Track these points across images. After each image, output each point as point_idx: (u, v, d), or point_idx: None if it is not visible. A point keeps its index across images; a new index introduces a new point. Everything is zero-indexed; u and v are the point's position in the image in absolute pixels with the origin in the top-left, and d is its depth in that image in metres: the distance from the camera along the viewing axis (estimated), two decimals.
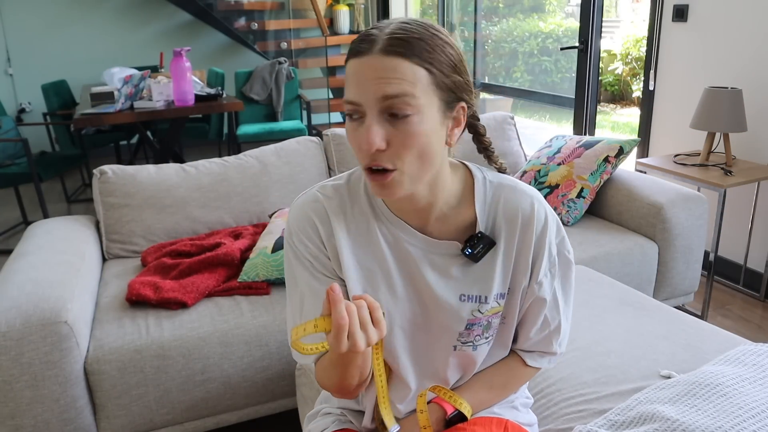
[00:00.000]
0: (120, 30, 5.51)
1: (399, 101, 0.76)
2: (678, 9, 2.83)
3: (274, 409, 1.79)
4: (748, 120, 2.58)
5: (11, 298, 1.52)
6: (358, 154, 0.81)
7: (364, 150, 0.79)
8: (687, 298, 2.37)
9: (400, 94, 0.76)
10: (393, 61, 0.76)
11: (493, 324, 0.95)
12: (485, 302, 0.92)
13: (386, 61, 0.76)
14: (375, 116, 0.77)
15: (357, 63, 0.78)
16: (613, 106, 7.37)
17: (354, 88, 0.78)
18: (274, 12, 5.57)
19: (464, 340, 0.94)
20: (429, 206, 0.89)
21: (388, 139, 0.78)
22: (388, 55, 0.76)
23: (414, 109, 0.77)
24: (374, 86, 0.76)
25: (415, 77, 0.76)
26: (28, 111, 5.33)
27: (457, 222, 0.92)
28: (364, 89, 0.77)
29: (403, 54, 0.76)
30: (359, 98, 0.77)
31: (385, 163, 0.79)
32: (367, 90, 0.77)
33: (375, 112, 0.77)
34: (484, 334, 0.95)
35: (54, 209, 4.10)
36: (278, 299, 1.78)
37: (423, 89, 0.77)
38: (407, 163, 0.79)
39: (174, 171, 2.19)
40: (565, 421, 1.21)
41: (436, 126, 0.80)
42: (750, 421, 1.03)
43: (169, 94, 3.38)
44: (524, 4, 5.59)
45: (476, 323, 0.93)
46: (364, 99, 0.77)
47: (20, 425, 1.50)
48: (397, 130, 0.77)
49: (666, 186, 2.30)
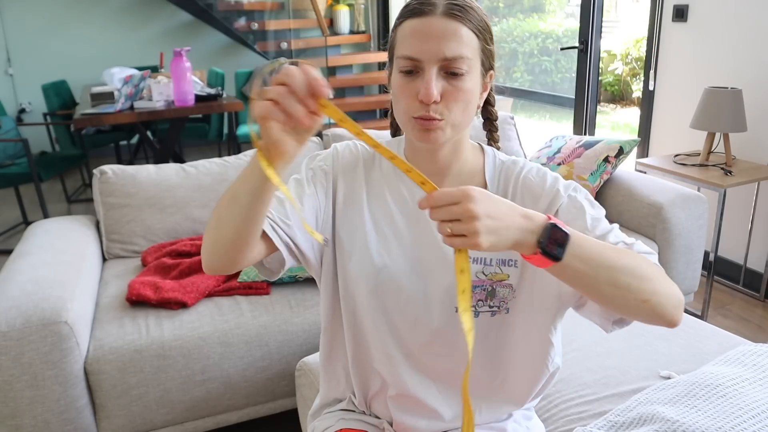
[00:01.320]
0: (120, 30, 5.51)
1: (457, 62, 0.84)
2: (678, 9, 2.83)
3: (274, 409, 1.79)
4: (748, 120, 2.58)
5: (11, 298, 1.52)
6: (410, 104, 0.86)
7: (419, 101, 0.84)
8: (687, 298, 2.37)
9: (459, 56, 0.84)
10: (454, 24, 0.84)
11: (498, 293, 0.93)
12: (489, 264, 0.93)
13: (448, 23, 0.84)
14: (434, 73, 0.84)
15: (418, 22, 0.85)
16: (613, 106, 7.37)
17: (415, 45, 0.84)
18: (274, 12, 5.56)
19: None
20: (446, 169, 0.95)
21: (442, 93, 0.85)
22: (449, 18, 0.84)
23: (467, 68, 0.85)
24: (437, 45, 0.83)
25: (470, 41, 0.85)
26: (28, 111, 5.33)
27: None
28: (426, 47, 0.84)
29: (462, 19, 0.85)
30: (421, 55, 0.84)
31: (435, 114, 0.85)
32: (430, 48, 0.83)
33: (434, 69, 0.84)
34: (488, 301, 0.94)
35: (54, 209, 4.10)
36: (278, 299, 1.78)
37: (474, 52, 0.86)
38: (453, 113, 0.86)
39: (174, 171, 2.19)
40: (565, 423, 1.21)
41: (478, 86, 0.89)
42: (750, 421, 1.03)
43: (169, 94, 3.38)
44: (524, 4, 5.59)
45: (478, 285, 0.93)
46: (426, 56, 0.84)
47: (20, 425, 1.50)
48: (451, 86, 0.85)
49: (666, 186, 2.29)
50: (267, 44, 5.47)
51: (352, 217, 0.97)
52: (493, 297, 0.93)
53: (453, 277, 0.89)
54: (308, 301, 1.78)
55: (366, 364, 1.02)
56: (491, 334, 0.97)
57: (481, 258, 0.93)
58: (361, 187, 0.98)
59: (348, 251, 0.96)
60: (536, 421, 1.12)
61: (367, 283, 0.95)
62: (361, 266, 0.95)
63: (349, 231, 0.97)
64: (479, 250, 0.69)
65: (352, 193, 0.98)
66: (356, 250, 0.96)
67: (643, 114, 3.11)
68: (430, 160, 0.94)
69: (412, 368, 0.99)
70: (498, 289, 0.93)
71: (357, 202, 0.97)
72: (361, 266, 0.95)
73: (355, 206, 0.97)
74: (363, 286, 0.95)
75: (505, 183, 0.96)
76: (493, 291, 0.93)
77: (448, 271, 0.93)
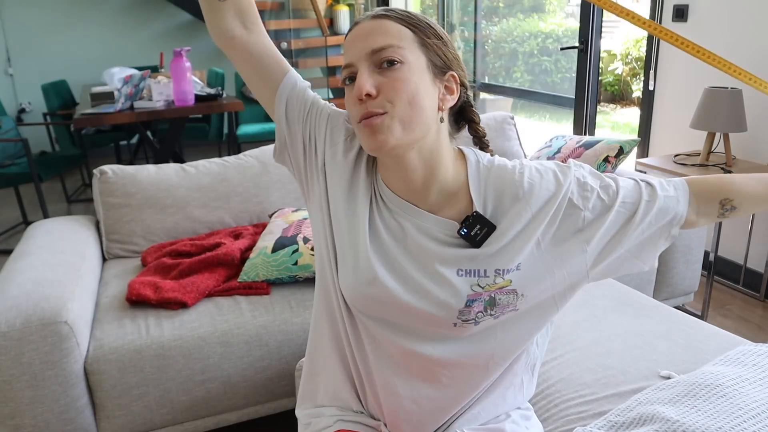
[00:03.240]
0: (120, 30, 5.51)
1: (385, 52, 0.84)
2: (678, 9, 2.83)
3: (274, 409, 1.79)
4: (748, 120, 2.58)
5: (11, 298, 1.52)
6: (354, 112, 0.86)
7: (358, 102, 0.84)
8: (687, 298, 2.37)
9: (386, 46, 0.84)
10: (379, 21, 0.86)
11: (499, 301, 0.89)
12: (484, 275, 0.88)
13: (374, 22, 0.87)
14: (366, 69, 0.85)
15: (350, 33, 0.89)
16: (613, 106, 7.37)
17: (347, 52, 0.87)
18: (274, 12, 5.56)
19: (465, 318, 0.90)
20: (427, 185, 0.90)
21: (378, 86, 0.84)
22: (375, 19, 0.87)
23: (400, 57, 0.84)
24: (363, 43, 0.85)
25: (399, 33, 0.86)
26: (28, 111, 5.33)
27: (457, 207, 0.91)
28: (355, 48, 0.86)
29: (388, 16, 0.87)
30: (351, 58, 0.86)
31: (376, 108, 0.83)
32: (358, 47, 0.86)
33: (365, 65, 0.85)
34: (488, 311, 0.89)
35: (54, 209, 4.10)
36: (278, 299, 1.78)
37: (407, 44, 0.85)
38: (397, 106, 0.83)
39: (174, 171, 2.19)
40: (565, 423, 1.21)
41: (426, 82, 0.86)
42: (750, 421, 1.03)
43: (169, 94, 3.38)
44: (524, 4, 5.59)
45: (477, 299, 0.88)
46: (356, 57, 0.86)
47: (20, 425, 1.50)
48: (387, 78, 0.84)
49: None
50: None
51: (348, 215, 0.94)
52: (494, 306, 0.90)
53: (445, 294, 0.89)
54: (308, 301, 1.78)
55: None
56: (497, 332, 0.94)
57: (474, 270, 0.88)
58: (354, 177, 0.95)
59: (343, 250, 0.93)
60: (535, 421, 1.12)
61: (358, 290, 0.93)
62: (356, 273, 0.92)
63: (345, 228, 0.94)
64: None
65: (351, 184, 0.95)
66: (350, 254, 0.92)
67: (643, 114, 3.11)
68: (402, 179, 0.89)
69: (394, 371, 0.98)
70: (498, 297, 0.89)
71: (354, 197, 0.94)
72: (355, 273, 0.92)
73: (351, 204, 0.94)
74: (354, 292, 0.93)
75: (494, 192, 0.91)
76: (493, 300, 0.89)
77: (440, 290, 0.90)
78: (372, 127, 0.83)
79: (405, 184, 0.90)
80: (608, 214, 0.89)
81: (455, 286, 0.88)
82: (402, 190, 0.91)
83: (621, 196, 0.90)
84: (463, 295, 0.88)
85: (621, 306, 1.61)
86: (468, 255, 0.89)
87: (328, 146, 0.96)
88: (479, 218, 0.88)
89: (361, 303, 0.93)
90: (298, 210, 2.09)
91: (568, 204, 0.89)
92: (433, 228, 0.90)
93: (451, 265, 0.89)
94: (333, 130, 0.96)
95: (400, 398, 0.98)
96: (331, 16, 5.70)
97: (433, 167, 0.89)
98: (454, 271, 0.89)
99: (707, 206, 0.94)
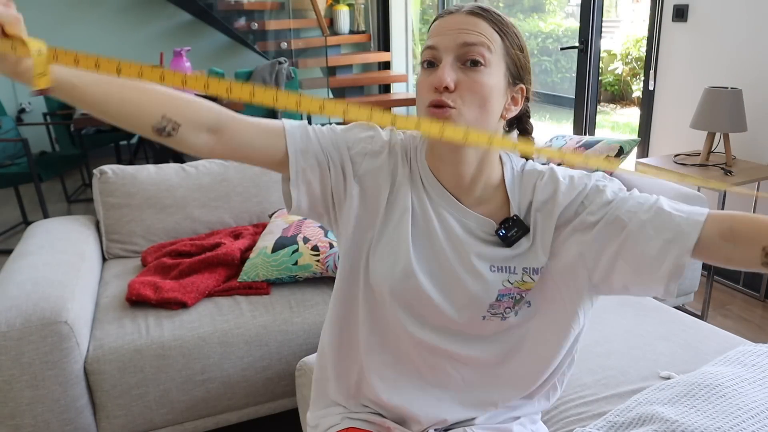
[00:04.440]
0: (120, 30, 5.51)
1: (474, 50, 0.85)
2: (678, 9, 2.83)
3: (274, 409, 1.79)
4: (748, 120, 2.58)
5: (11, 298, 1.52)
6: (425, 96, 0.87)
7: (433, 89, 0.85)
8: (687, 298, 2.37)
9: (477, 44, 0.85)
10: (475, 19, 0.87)
11: (524, 299, 0.94)
12: (513, 272, 0.92)
13: (469, 18, 0.87)
14: (450, 61, 0.86)
15: (442, 20, 0.89)
16: (613, 106, 7.37)
17: (435, 37, 0.88)
18: (274, 12, 5.56)
19: (494, 311, 0.94)
20: (473, 183, 0.93)
21: (457, 82, 0.85)
22: (471, 15, 0.88)
23: (486, 61, 0.86)
24: (455, 35, 0.86)
25: (491, 36, 0.87)
26: (28, 111, 5.32)
27: (493, 206, 0.95)
28: (445, 37, 0.87)
29: (484, 17, 0.88)
30: (439, 44, 0.87)
31: (449, 101, 0.85)
32: (448, 37, 0.86)
33: (451, 57, 0.86)
34: (515, 307, 0.94)
35: (54, 209, 4.10)
36: (278, 299, 1.78)
37: (495, 49, 0.87)
38: (467, 105, 0.85)
39: (174, 171, 2.19)
40: (565, 424, 1.21)
41: (500, 89, 0.88)
42: (749, 422, 1.03)
43: None
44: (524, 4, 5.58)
45: (506, 294, 0.93)
46: (444, 44, 0.86)
47: (20, 425, 1.50)
48: (467, 77, 0.85)
49: (666, 186, 2.29)
50: (267, 44, 5.47)
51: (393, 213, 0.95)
52: (519, 303, 0.94)
53: (477, 288, 0.92)
54: (308, 301, 1.78)
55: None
56: (516, 328, 0.97)
57: (505, 267, 0.92)
58: (403, 179, 0.96)
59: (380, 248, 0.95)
60: (541, 425, 1.12)
61: (392, 285, 0.94)
62: (391, 267, 0.94)
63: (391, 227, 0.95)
64: None
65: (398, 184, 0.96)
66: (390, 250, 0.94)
67: (643, 114, 3.11)
68: (453, 171, 0.93)
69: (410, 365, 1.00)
70: (524, 295, 0.94)
71: (402, 196, 0.95)
72: (391, 267, 0.94)
73: (397, 203, 0.95)
74: (387, 287, 0.94)
75: (525, 195, 0.94)
76: (521, 299, 0.94)
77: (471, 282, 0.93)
78: (438, 116, 0.85)
79: (455, 177, 0.93)
80: (606, 215, 0.88)
81: (488, 280, 0.92)
82: (450, 182, 0.94)
83: (622, 200, 0.89)
84: (495, 290, 0.92)
85: (621, 306, 1.61)
86: (501, 252, 0.93)
87: (357, 161, 0.96)
88: (517, 221, 0.93)
89: (399, 292, 0.94)
90: None
91: (580, 206, 0.91)
92: (473, 224, 0.94)
93: (485, 261, 0.93)
94: (350, 150, 0.96)
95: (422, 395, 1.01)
96: (331, 16, 5.70)
97: (483, 165, 0.93)
98: (488, 267, 0.93)
99: (745, 248, 0.78)
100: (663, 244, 0.82)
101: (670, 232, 0.83)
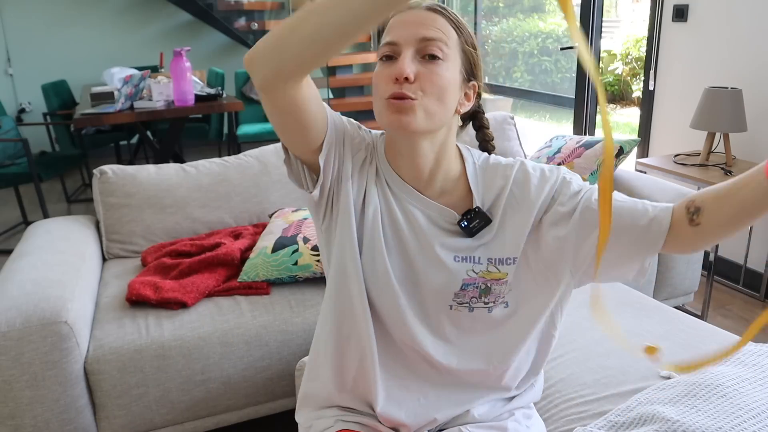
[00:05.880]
0: (120, 30, 5.51)
1: (434, 44, 0.88)
2: (678, 9, 2.83)
3: (274, 409, 1.79)
4: (748, 120, 2.58)
5: (11, 298, 1.52)
6: (384, 87, 0.88)
7: (392, 80, 0.87)
8: (687, 298, 2.37)
9: (436, 39, 0.88)
10: (434, 15, 0.90)
11: (493, 290, 0.95)
12: (479, 262, 0.95)
13: (428, 13, 0.90)
14: (410, 54, 0.88)
15: (403, 14, 0.91)
16: (613, 106, 7.37)
17: (395, 31, 0.90)
18: (274, 12, 5.56)
19: (459, 300, 0.96)
20: (432, 175, 0.96)
21: (416, 74, 0.87)
22: (430, 11, 0.91)
23: (444, 55, 0.89)
24: (415, 29, 0.89)
25: (448, 32, 0.90)
26: (28, 111, 5.33)
27: (455, 198, 0.97)
28: (405, 31, 0.89)
29: (442, 13, 0.91)
30: (399, 38, 0.89)
31: (409, 92, 0.87)
32: (408, 32, 0.89)
33: (411, 50, 0.88)
34: (482, 298, 0.96)
35: (54, 209, 4.10)
36: (278, 299, 1.78)
37: (452, 45, 0.90)
38: (427, 96, 0.88)
39: (174, 171, 2.19)
40: (565, 423, 1.21)
41: (456, 83, 0.91)
42: (750, 421, 1.03)
43: (169, 94, 3.38)
44: (524, 4, 5.59)
45: (471, 284, 0.95)
46: (404, 39, 0.88)
47: (20, 425, 1.50)
48: (426, 69, 0.88)
49: (666, 186, 2.29)
50: None
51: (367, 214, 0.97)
52: (488, 294, 0.96)
53: (443, 278, 0.95)
54: (308, 301, 1.78)
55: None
56: (494, 329, 0.99)
57: (469, 257, 0.95)
58: (372, 179, 0.98)
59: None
60: (536, 420, 1.12)
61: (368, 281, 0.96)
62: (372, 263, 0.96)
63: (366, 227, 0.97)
64: None
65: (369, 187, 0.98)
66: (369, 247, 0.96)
67: (643, 114, 3.12)
68: (412, 165, 0.95)
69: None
70: (493, 287, 0.95)
71: (371, 194, 0.97)
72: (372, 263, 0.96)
73: (370, 201, 0.97)
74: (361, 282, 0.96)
75: (489, 188, 0.97)
76: (488, 288, 0.96)
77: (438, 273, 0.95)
78: (400, 107, 0.87)
79: (413, 170, 0.95)
80: (578, 206, 0.91)
81: (451, 269, 0.95)
82: (409, 176, 0.96)
83: (589, 190, 0.93)
84: (459, 279, 0.95)
85: (621, 306, 1.61)
86: (464, 243, 0.96)
87: (355, 153, 0.99)
88: (479, 213, 0.96)
89: (376, 292, 0.96)
90: (298, 210, 2.09)
91: (551, 200, 0.94)
92: (435, 215, 0.96)
93: (449, 251, 0.95)
94: (352, 140, 0.99)
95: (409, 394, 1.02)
96: None
97: (440, 158, 0.95)
98: (452, 257, 0.95)
99: (679, 214, 0.84)
100: (640, 231, 0.86)
101: (645, 218, 0.87)
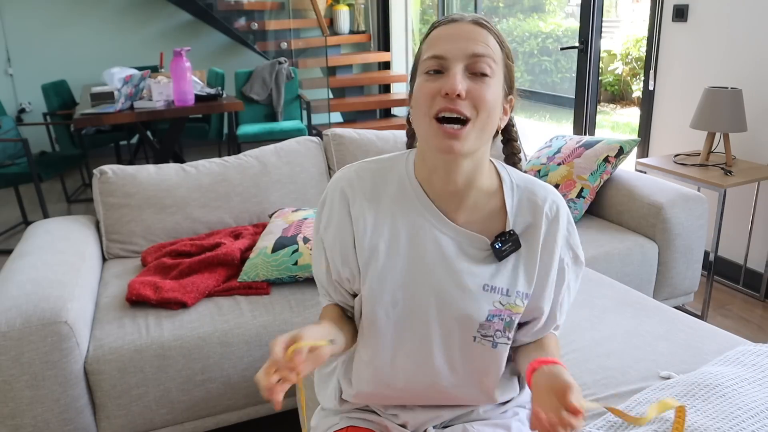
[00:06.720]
0: (120, 30, 5.51)
1: (483, 61, 0.86)
2: (678, 9, 2.83)
3: (274, 410, 1.79)
4: (748, 120, 2.58)
5: (11, 298, 1.52)
6: (431, 103, 0.85)
7: (442, 95, 0.84)
8: (687, 298, 2.37)
9: (486, 55, 0.86)
10: (482, 30, 0.88)
11: (514, 324, 0.94)
12: (507, 294, 0.92)
13: (477, 28, 0.88)
14: (460, 69, 0.85)
15: (448, 27, 0.89)
16: (613, 106, 7.37)
17: (443, 45, 0.87)
18: (274, 12, 5.56)
19: (484, 332, 0.93)
20: (465, 190, 0.93)
21: (467, 91, 0.85)
22: (477, 25, 0.89)
23: (492, 72, 0.87)
24: (465, 44, 0.86)
25: (495, 48, 0.88)
26: (28, 111, 5.33)
27: (484, 216, 0.95)
28: (454, 45, 0.86)
29: (488, 28, 0.89)
30: (447, 53, 0.86)
31: (464, 108, 0.84)
32: (457, 46, 0.86)
33: (461, 66, 0.85)
34: (506, 333, 0.94)
35: (54, 209, 4.10)
36: (278, 299, 1.78)
37: (498, 61, 0.88)
38: (480, 116, 0.85)
39: (174, 171, 2.19)
40: None
41: (500, 99, 0.90)
42: (749, 421, 1.03)
43: (169, 94, 3.38)
44: (524, 4, 5.59)
45: (497, 315, 0.92)
46: (453, 54, 0.86)
47: (20, 425, 1.50)
48: (476, 85, 0.85)
49: (666, 186, 2.30)
50: (267, 44, 5.47)
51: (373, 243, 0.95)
52: (510, 328, 0.94)
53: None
54: (308, 301, 1.78)
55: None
56: (496, 362, 0.97)
57: (498, 288, 0.92)
58: (379, 212, 0.96)
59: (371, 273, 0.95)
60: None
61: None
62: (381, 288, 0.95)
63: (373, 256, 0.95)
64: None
65: (374, 219, 0.96)
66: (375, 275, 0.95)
67: (643, 114, 3.12)
68: (446, 179, 0.91)
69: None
70: (514, 319, 0.94)
71: (378, 227, 0.95)
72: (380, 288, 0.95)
73: (376, 232, 0.95)
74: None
75: (523, 214, 0.95)
76: (511, 322, 0.94)
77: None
78: (452, 134, 0.84)
79: (447, 184, 0.92)
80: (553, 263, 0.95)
81: (478, 299, 0.92)
82: (442, 191, 0.93)
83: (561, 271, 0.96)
84: (485, 310, 0.92)
85: (621, 306, 1.61)
86: (492, 272, 0.93)
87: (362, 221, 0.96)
88: (512, 236, 0.93)
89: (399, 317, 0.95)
90: (298, 210, 2.09)
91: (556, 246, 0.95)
92: (465, 243, 0.94)
93: (478, 280, 0.93)
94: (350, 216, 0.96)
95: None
96: (331, 16, 5.70)
97: (476, 173, 0.92)
98: (480, 287, 0.92)
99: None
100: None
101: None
